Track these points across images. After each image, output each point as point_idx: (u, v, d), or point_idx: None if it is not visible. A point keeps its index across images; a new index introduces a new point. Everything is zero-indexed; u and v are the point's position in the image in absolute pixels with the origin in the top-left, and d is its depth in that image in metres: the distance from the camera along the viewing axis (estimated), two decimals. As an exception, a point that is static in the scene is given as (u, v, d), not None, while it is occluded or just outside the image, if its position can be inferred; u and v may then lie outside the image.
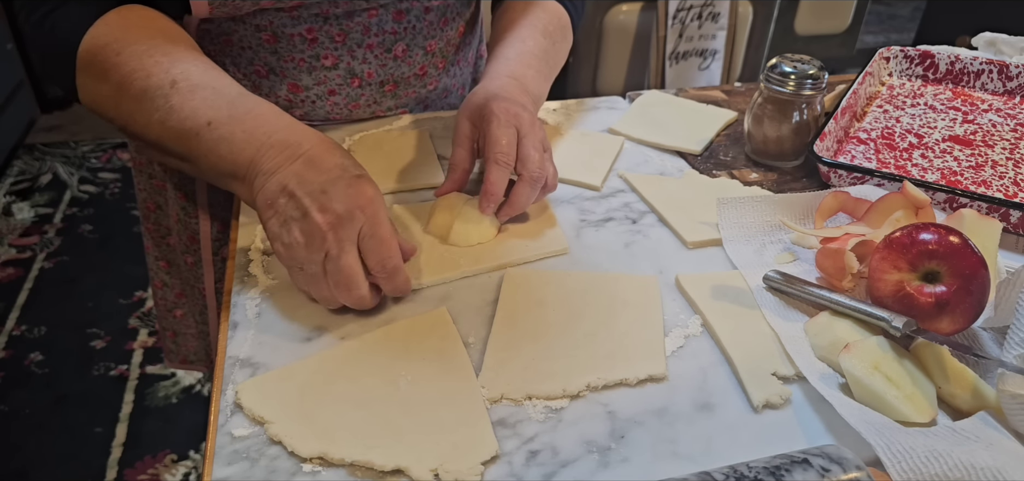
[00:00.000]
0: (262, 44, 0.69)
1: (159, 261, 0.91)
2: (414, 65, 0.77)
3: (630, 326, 0.52)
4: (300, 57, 0.70)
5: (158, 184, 0.84)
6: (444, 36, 0.78)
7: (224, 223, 0.81)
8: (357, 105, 0.76)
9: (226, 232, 0.81)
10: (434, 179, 0.70)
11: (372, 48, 0.72)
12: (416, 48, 0.75)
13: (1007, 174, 0.71)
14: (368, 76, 0.74)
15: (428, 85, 0.80)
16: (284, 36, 0.69)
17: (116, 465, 1.47)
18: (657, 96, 0.87)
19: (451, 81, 0.83)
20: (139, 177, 0.85)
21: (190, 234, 0.82)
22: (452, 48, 0.80)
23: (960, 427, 0.43)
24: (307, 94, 0.73)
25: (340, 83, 0.73)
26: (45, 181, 2.36)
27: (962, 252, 0.48)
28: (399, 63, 0.75)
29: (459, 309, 0.54)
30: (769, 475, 0.36)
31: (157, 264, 0.92)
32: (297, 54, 0.70)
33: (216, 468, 0.41)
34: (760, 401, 0.46)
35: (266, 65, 0.71)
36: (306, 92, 0.73)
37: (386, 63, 0.74)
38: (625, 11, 1.92)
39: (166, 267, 0.91)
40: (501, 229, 0.62)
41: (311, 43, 0.70)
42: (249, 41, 0.69)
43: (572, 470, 0.42)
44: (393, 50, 0.74)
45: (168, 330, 0.98)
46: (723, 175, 0.73)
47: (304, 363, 0.48)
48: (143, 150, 0.82)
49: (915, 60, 0.89)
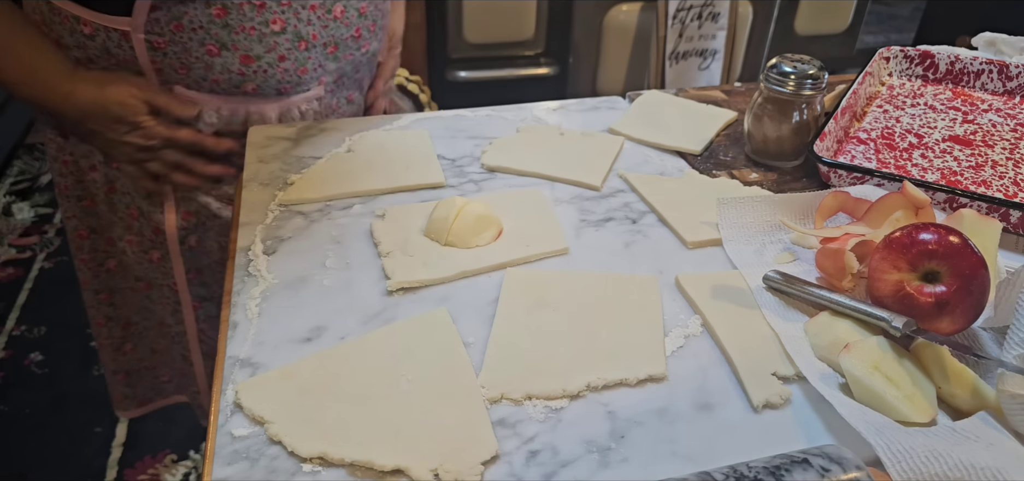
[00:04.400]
0: (213, 20, 0.71)
1: (99, 295, 0.91)
2: (351, 26, 0.80)
3: (630, 326, 0.52)
4: (250, 26, 0.73)
5: (89, 204, 0.85)
6: (375, 3, 0.83)
7: (190, 212, 0.82)
8: (305, 69, 0.79)
9: (192, 220, 0.82)
10: (434, 179, 0.70)
11: (315, 9, 0.76)
12: (351, 9, 0.79)
13: (1007, 174, 0.71)
14: (313, 38, 0.77)
15: (362, 47, 0.84)
16: (233, 6, 0.71)
17: (116, 465, 1.47)
18: (657, 96, 0.87)
19: (377, 45, 0.87)
20: (66, 204, 0.85)
21: (154, 227, 0.83)
22: (380, 13, 0.85)
23: (960, 427, 0.43)
24: (259, 64, 0.75)
25: (289, 48, 0.76)
26: (45, 181, 2.36)
27: (962, 252, 0.48)
28: (338, 23, 0.79)
29: (459, 309, 0.54)
30: (769, 475, 0.36)
31: (97, 300, 0.91)
32: (247, 23, 0.72)
33: (216, 468, 0.41)
34: (760, 401, 0.46)
35: (218, 42, 0.73)
36: (258, 61, 0.75)
37: (328, 23, 0.78)
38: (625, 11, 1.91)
39: (108, 299, 0.91)
40: (501, 229, 0.62)
41: (260, 9, 0.72)
42: (200, 20, 0.71)
43: (572, 470, 0.42)
44: (333, 10, 0.77)
45: (119, 373, 0.96)
46: (723, 175, 0.73)
47: (304, 363, 0.48)
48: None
49: (915, 60, 0.89)
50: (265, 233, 0.61)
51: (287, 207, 0.65)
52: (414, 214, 0.64)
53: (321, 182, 0.68)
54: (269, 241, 0.60)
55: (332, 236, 0.61)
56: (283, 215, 0.64)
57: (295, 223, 0.63)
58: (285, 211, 0.64)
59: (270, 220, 0.63)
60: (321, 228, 0.62)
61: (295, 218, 0.64)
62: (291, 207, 0.65)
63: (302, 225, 0.63)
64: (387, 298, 0.55)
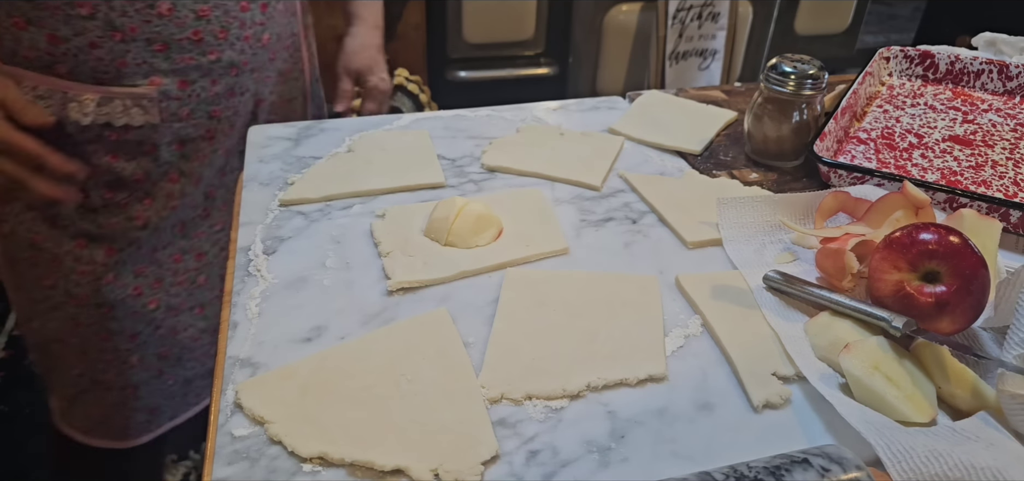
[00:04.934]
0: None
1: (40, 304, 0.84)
2: (185, 27, 0.74)
3: (630, 326, 0.52)
4: (54, 4, 0.69)
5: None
6: (222, 5, 0.76)
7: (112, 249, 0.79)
8: (124, 63, 0.73)
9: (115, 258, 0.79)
10: (434, 179, 0.70)
11: (135, 2, 0.71)
12: (184, 8, 0.73)
13: (1007, 174, 0.71)
14: (131, 31, 0.72)
15: (208, 54, 0.76)
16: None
17: (116, 465, 1.47)
18: (657, 96, 0.87)
19: (237, 56, 0.79)
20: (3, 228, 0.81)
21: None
22: (238, 23, 0.78)
23: (960, 427, 0.43)
24: (68, 46, 0.71)
25: (100, 36, 0.71)
26: (45, 181, 2.36)
27: (962, 252, 0.48)
28: (165, 21, 0.73)
29: (459, 309, 0.54)
30: (769, 475, 0.37)
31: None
32: (51, 1, 0.69)
33: (216, 468, 0.41)
34: (760, 401, 0.46)
35: (24, 16, 0.69)
36: (66, 44, 0.71)
37: (150, 18, 0.72)
38: (625, 11, 1.92)
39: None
40: (501, 229, 0.62)
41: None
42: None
43: (572, 470, 0.42)
44: (157, 6, 0.72)
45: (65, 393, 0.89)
46: (723, 175, 0.74)
47: (304, 363, 0.48)
48: None
49: (915, 60, 0.89)
50: (265, 233, 0.61)
51: (287, 207, 0.65)
52: (414, 214, 0.64)
53: (321, 182, 0.68)
54: (269, 241, 0.60)
55: (332, 236, 0.61)
56: (283, 215, 0.64)
57: (295, 223, 0.63)
58: (285, 211, 0.64)
59: (270, 220, 0.63)
60: (321, 228, 0.62)
61: (295, 218, 0.64)
62: (291, 207, 0.65)
63: (302, 225, 0.63)
64: (387, 298, 0.55)
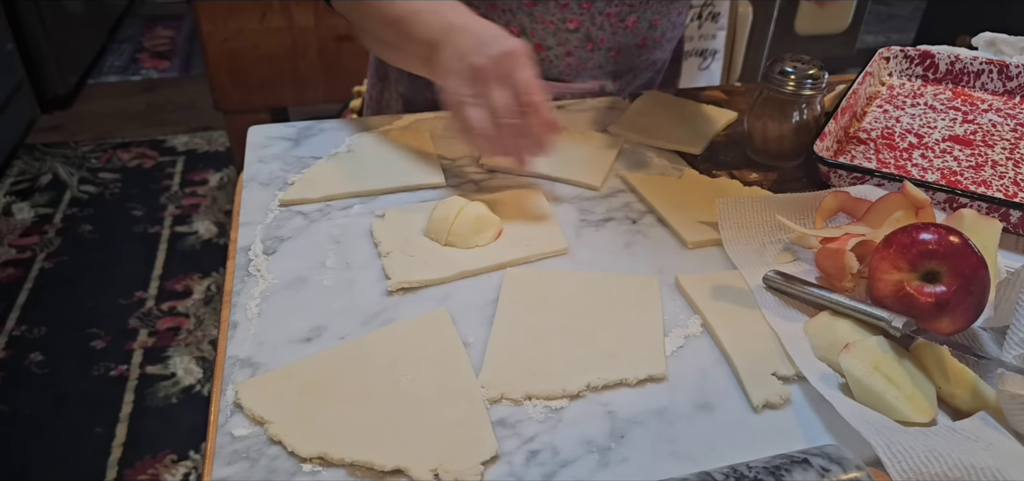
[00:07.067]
0: (521, 7, 0.80)
1: None
2: (638, 35, 0.86)
3: (630, 326, 0.52)
4: (550, 19, 0.81)
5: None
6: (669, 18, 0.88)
7: None
8: (585, 67, 0.86)
9: None
10: (434, 179, 0.69)
11: (610, 17, 0.82)
12: (644, 21, 0.85)
13: (1007, 174, 0.71)
14: (601, 41, 0.84)
15: (642, 55, 0.89)
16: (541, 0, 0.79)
17: (116, 465, 1.47)
18: (657, 96, 0.87)
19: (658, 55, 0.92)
20: None
21: None
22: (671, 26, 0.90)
23: (960, 427, 0.43)
24: (548, 54, 0.83)
25: (577, 46, 0.83)
26: (45, 181, 2.36)
27: (962, 252, 0.48)
28: (628, 32, 0.85)
29: (459, 309, 0.54)
30: (769, 475, 0.37)
31: None
32: (549, 17, 0.81)
33: (216, 468, 0.41)
34: (760, 401, 0.46)
35: (520, 26, 0.81)
36: (547, 52, 0.83)
37: (618, 31, 0.84)
38: (625, 11, 1.92)
39: None
40: (501, 229, 0.62)
41: (562, 8, 0.80)
42: (510, 4, 0.80)
43: (572, 470, 0.42)
44: (626, 21, 0.83)
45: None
46: (723, 175, 0.73)
47: (304, 363, 0.48)
48: None
49: (915, 60, 0.89)
50: (265, 233, 0.61)
51: (287, 207, 0.65)
52: (414, 214, 0.64)
53: (321, 182, 0.68)
54: (269, 241, 0.60)
55: (332, 236, 0.61)
56: (283, 215, 0.64)
57: (295, 223, 0.63)
58: (285, 211, 0.64)
59: (270, 220, 0.63)
60: (321, 228, 0.62)
61: (295, 218, 0.64)
62: (291, 207, 0.65)
63: (302, 225, 0.63)
64: (387, 298, 0.55)
